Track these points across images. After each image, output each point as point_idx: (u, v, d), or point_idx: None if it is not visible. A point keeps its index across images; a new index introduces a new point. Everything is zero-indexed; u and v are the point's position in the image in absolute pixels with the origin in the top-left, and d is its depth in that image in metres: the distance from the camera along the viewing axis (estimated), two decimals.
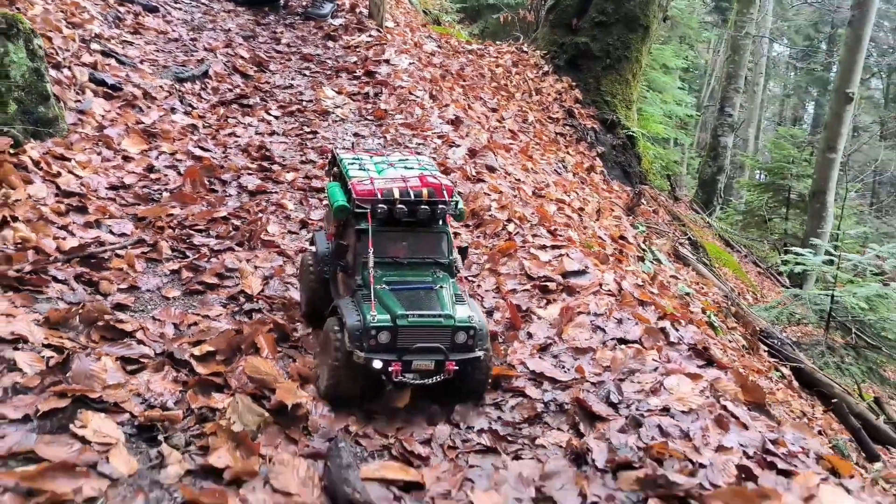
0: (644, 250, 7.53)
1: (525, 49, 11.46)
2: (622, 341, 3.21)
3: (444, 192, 2.95)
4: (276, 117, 6.20)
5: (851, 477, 2.81)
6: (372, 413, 2.79)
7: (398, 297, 2.75)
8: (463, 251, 3.10)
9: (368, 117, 6.45)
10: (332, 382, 2.73)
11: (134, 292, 3.28)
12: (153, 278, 3.44)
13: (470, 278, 4.02)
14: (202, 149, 5.24)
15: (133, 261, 3.47)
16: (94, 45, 6.12)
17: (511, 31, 12.83)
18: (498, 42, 12.09)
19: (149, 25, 7.28)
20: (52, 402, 2.26)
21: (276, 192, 4.75)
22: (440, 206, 2.93)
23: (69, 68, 5.49)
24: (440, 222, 3.01)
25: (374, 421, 2.76)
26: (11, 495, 1.86)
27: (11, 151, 4.09)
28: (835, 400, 6.68)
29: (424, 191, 2.92)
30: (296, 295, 3.51)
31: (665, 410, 2.74)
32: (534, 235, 4.30)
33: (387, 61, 7.77)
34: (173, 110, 5.80)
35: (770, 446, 2.64)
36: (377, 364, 2.64)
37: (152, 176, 4.65)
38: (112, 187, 4.37)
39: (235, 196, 4.63)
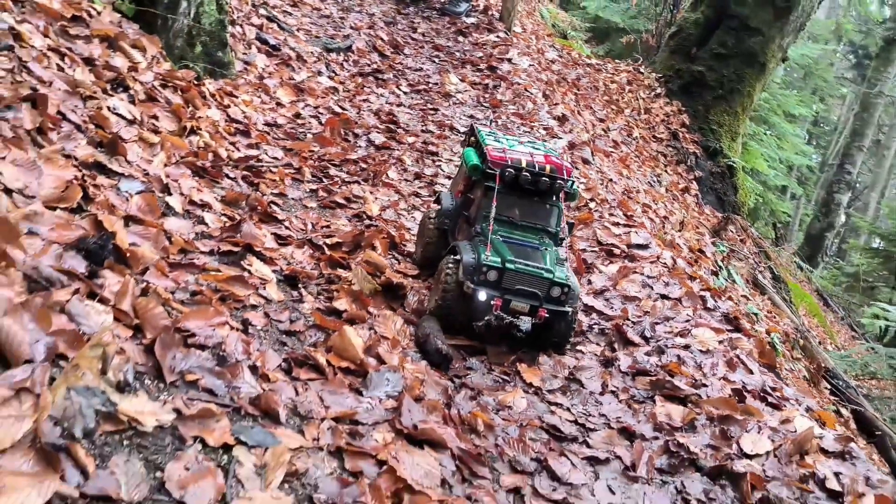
0: (720, 267, 7.94)
1: (641, 70, 12.00)
2: (665, 297, 3.85)
3: (565, 172, 3.40)
4: (405, 92, 7.07)
5: (835, 429, 3.36)
6: None
7: (509, 248, 3.22)
8: (570, 226, 3.53)
9: (484, 104, 7.24)
10: (440, 303, 3.21)
11: (282, 198, 4.15)
12: (297, 191, 4.31)
13: None
14: (340, 107, 6.15)
15: (283, 176, 4.35)
16: (262, 11, 7.18)
17: (632, 54, 13.34)
18: (617, 61, 12.67)
19: (306, 1, 8.33)
20: (228, 246, 3.12)
21: (397, 150, 5.59)
22: (559, 181, 3.36)
23: (241, 26, 6.53)
24: (555, 197, 3.44)
25: None
26: (207, 289, 2.71)
27: (195, 83, 5.06)
28: (879, 433, 6.94)
29: (548, 167, 3.36)
30: (406, 223, 4.31)
31: (686, 347, 3.37)
32: (610, 214, 4.96)
33: (509, 60, 8.55)
34: (319, 73, 6.76)
35: (768, 389, 3.23)
36: (482, 296, 3.10)
37: (299, 121, 5.57)
38: (267, 124, 5.30)
39: (364, 147, 5.50)
